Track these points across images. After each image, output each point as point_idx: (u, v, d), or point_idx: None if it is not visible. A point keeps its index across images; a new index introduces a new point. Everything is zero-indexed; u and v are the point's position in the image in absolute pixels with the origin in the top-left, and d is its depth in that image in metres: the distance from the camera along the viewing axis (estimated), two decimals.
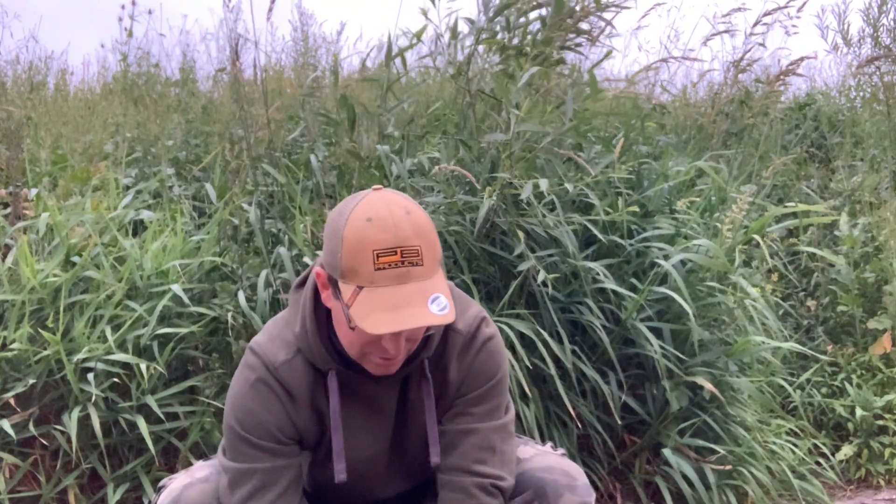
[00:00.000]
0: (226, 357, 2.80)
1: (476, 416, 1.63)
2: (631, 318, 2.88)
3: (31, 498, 2.58)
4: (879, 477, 3.48)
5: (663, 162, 3.34)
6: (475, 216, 2.82)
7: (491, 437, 1.63)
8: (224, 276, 2.95)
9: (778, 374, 3.48)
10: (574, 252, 2.87)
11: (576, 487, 1.68)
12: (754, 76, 4.08)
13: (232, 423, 1.57)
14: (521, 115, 2.77)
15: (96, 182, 3.21)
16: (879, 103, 5.12)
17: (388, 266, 1.40)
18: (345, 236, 1.42)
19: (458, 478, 1.60)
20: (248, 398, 1.57)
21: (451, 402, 1.64)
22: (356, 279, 1.41)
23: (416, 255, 1.41)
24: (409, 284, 1.40)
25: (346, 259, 1.42)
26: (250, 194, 3.13)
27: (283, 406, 1.57)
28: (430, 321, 1.40)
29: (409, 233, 1.41)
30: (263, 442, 1.56)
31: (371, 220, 1.41)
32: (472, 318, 1.63)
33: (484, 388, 1.63)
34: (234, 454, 1.58)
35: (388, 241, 1.40)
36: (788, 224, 3.62)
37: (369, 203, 1.45)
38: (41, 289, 2.67)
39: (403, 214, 1.43)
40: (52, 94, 4.36)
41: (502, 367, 1.66)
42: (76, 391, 2.55)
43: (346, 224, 1.43)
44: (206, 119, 3.95)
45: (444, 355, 1.62)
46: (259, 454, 1.56)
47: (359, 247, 1.40)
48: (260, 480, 1.56)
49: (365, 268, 1.40)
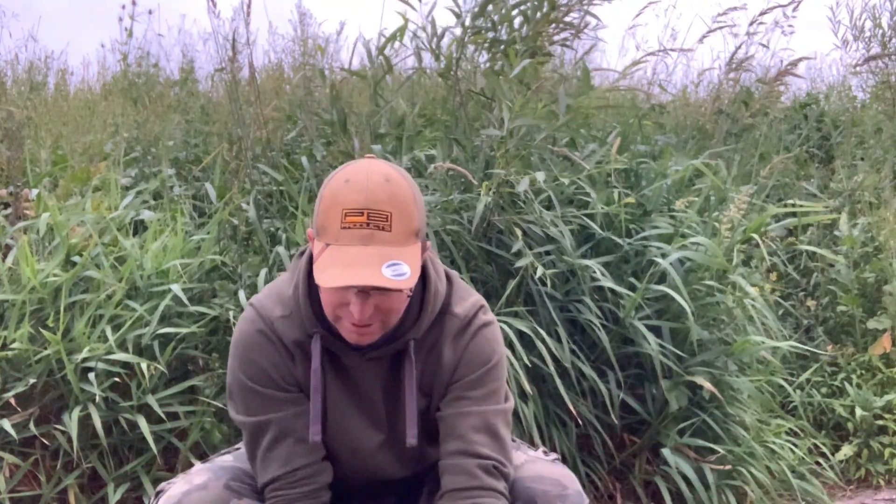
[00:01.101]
0: (226, 357, 2.79)
1: (474, 400, 1.61)
2: (629, 317, 2.88)
3: (31, 498, 2.58)
4: (879, 477, 3.48)
5: (662, 161, 3.35)
6: (472, 215, 2.82)
7: (490, 421, 1.61)
8: (224, 275, 2.96)
9: (778, 374, 3.48)
10: (571, 248, 2.87)
11: (567, 497, 1.64)
12: (755, 76, 4.08)
13: (237, 374, 1.60)
14: (516, 110, 2.77)
15: (96, 182, 3.21)
16: (883, 102, 5.12)
17: (354, 226, 1.42)
18: (323, 195, 1.46)
19: (460, 460, 1.58)
20: (249, 348, 1.60)
21: (447, 388, 1.63)
22: (325, 236, 1.44)
23: (384, 221, 1.42)
24: (371, 247, 1.41)
25: (321, 216, 1.45)
26: (249, 194, 3.13)
27: (282, 357, 1.60)
28: (379, 283, 1.40)
29: (381, 197, 1.43)
30: (269, 390, 1.59)
31: (349, 182, 1.45)
32: (470, 304, 1.64)
33: (480, 371, 1.62)
34: (245, 407, 1.61)
35: (358, 202, 1.42)
36: (788, 223, 3.62)
37: (354, 167, 1.49)
38: (41, 288, 2.68)
39: (382, 181, 1.45)
40: (53, 94, 4.36)
41: (498, 352, 1.65)
42: (76, 391, 2.55)
43: (327, 184, 1.48)
44: (204, 119, 3.96)
45: (440, 339, 1.62)
46: (269, 403, 1.59)
47: (331, 204, 1.44)
48: (276, 430, 1.58)
49: (333, 225, 1.43)
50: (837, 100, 5.68)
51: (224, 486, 1.63)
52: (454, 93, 3.04)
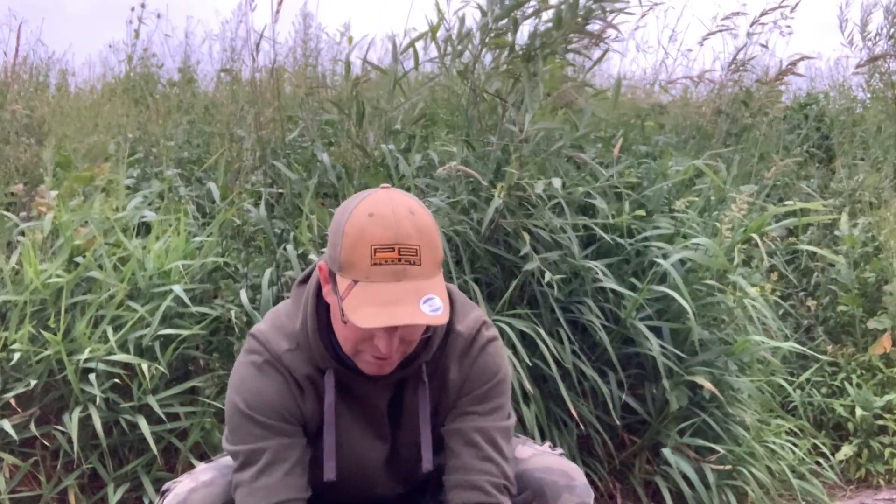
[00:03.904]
0: (227, 357, 2.81)
1: (481, 414, 1.62)
2: (630, 318, 2.88)
3: (31, 498, 2.58)
4: (879, 477, 3.48)
5: (662, 161, 3.35)
6: (480, 216, 2.82)
7: (496, 437, 1.62)
8: (226, 275, 2.96)
9: (778, 374, 3.48)
10: (576, 252, 2.87)
11: (574, 488, 1.67)
12: (755, 76, 4.08)
13: (237, 404, 1.57)
14: (538, 115, 2.78)
15: (100, 183, 3.21)
16: (883, 102, 5.12)
17: (385, 262, 1.40)
18: (346, 231, 1.43)
19: (471, 477, 1.58)
20: (255, 379, 1.57)
21: (453, 404, 1.63)
22: (352, 273, 1.41)
23: (414, 255, 1.41)
24: (404, 282, 1.40)
25: (345, 252, 1.42)
26: (252, 195, 3.14)
27: (290, 389, 1.57)
28: (421, 320, 1.40)
29: (409, 231, 1.41)
30: (270, 421, 1.56)
31: (373, 216, 1.42)
32: (473, 321, 1.62)
33: (486, 387, 1.62)
34: (240, 436, 1.57)
35: (388, 238, 1.40)
36: (788, 223, 3.62)
37: (374, 199, 1.45)
38: (43, 289, 2.68)
39: (406, 213, 1.43)
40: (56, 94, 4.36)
41: (503, 369, 1.65)
42: (77, 392, 2.56)
43: (348, 219, 1.44)
44: (207, 119, 3.96)
45: (445, 357, 1.61)
46: (266, 433, 1.56)
47: (358, 240, 1.41)
48: (269, 458, 1.55)
49: (362, 262, 1.40)
50: (840, 98, 5.67)
51: (230, 483, 1.62)
52: (471, 94, 3.02)
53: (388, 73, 3.22)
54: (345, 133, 3.25)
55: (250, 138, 3.19)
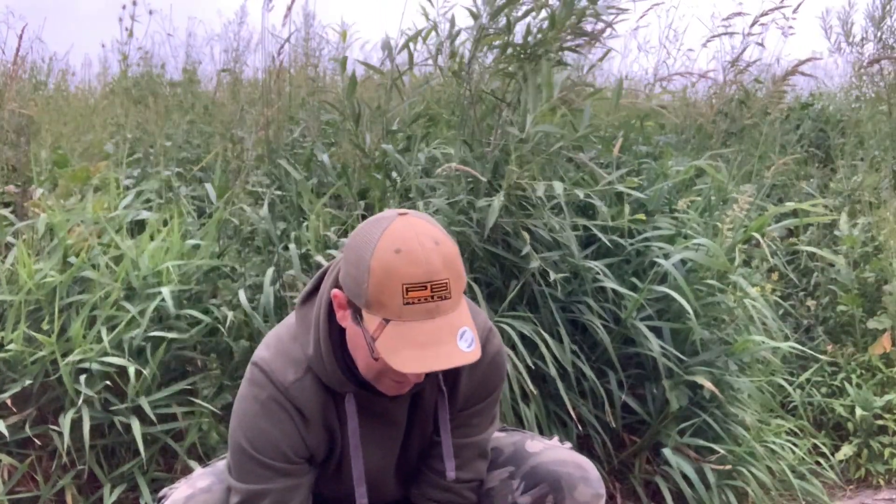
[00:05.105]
0: (224, 357, 2.79)
1: (474, 428, 1.67)
2: (631, 318, 2.87)
3: (29, 499, 2.57)
4: (879, 477, 3.47)
5: (662, 161, 3.34)
6: (479, 216, 2.81)
7: (485, 447, 1.70)
8: (223, 275, 2.94)
9: (778, 374, 3.48)
10: (577, 253, 2.87)
11: (589, 479, 1.69)
12: (754, 76, 4.07)
13: (242, 443, 1.53)
14: (538, 116, 2.77)
15: (96, 182, 3.20)
16: (882, 103, 5.12)
17: (418, 301, 1.37)
18: (372, 267, 1.38)
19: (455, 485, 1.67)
20: (259, 417, 1.53)
21: (455, 414, 1.64)
22: (383, 312, 1.38)
23: (444, 289, 1.38)
24: (438, 319, 1.38)
25: (374, 291, 1.38)
26: (250, 194, 3.12)
27: (296, 426, 1.54)
28: (459, 361, 1.38)
29: (438, 266, 1.38)
30: (275, 462, 1.53)
31: (400, 252, 1.37)
32: (480, 329, 1.60)
33: (486, 401, 1.66)
34: (244, 475, 1.54)
35: (419, 276, 1.37)
36: (788, 223, 3.62)
37: (398, 233, 1.40)
38: (37, 290, 2.66)
39: (433, 245, 1.39)
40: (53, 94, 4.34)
41: (504, 379, 1.71)
42: (71, 392, 2.54)
43: (372, 254, 1.39)
44: (207, 119, 3.95)
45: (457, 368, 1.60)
46: (271, 475, 1.53)
47: (387, 279, 1.37)
48: (271, 501, 1.53)
49: (393, 301, 1.37)
50: (843, 98, 5.67)
51: (228, 489, 1.60)
52: (466, 93, 3.01)
53: (385, 75, 3.21)
54: (345, 133, 3.23)
55: (251, 138, 3.18)
